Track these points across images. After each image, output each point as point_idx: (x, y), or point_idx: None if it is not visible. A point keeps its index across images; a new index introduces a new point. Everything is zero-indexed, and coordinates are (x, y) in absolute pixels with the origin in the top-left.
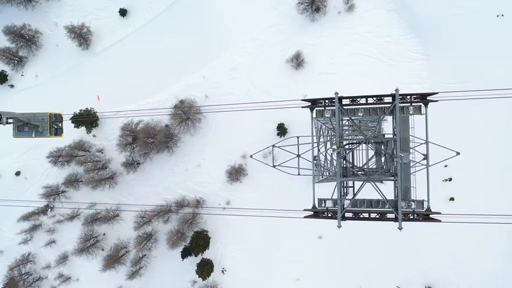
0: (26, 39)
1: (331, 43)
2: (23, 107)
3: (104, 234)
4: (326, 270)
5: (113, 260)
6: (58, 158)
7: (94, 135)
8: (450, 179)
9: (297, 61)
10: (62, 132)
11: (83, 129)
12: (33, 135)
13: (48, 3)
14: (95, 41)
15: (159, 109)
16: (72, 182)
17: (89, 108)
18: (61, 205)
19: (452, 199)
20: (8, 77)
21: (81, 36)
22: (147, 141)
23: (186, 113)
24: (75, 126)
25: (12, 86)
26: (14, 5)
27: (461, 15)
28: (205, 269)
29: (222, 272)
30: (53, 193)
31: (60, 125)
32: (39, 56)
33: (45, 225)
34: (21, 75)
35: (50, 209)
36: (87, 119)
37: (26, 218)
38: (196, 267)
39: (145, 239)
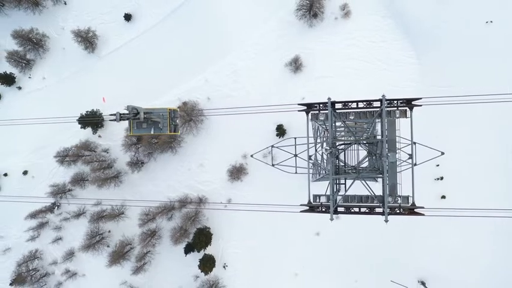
0: (33, 43)
1: (328, 48)
2: (30, 109)
3: (109, 231)
4: (323, 265)
5: (118, 256)
6: (65, 157)
7: (100, 136)
8: (442, 178)
9: (296, 65)
10: (179, 129)
11: (89, 129)
12: (152, 132)
13: (55, 7)
14: (101, 44)
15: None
16: (79, 180)
17: (95, 110)
18: (67, 203)
19: (443, 197)
20: (16, 79)
21: (87, 40)
22: (151, 141)
23: (189, 115)
24: (81, 127)
25: (20, 88)
26: (21, 9)
27: (452, 22)
28: (207, 264)
29: (224, 267)
30: (59, 191)
31: (177, 121)
32: (46, 59)
33: (52, 222)
34: (29, 77)
35: (56, 207)
36: (93, 121)
37: (33, 215)
38: (198, 263)
39: (150, 235)
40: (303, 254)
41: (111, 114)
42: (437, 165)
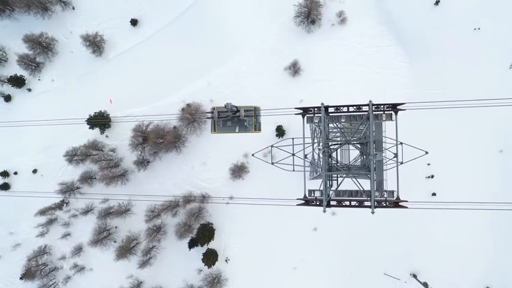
0: (43, 47)
1: (325, 53)
2: (40, 110)
3: (116, 227)
4: (320, 259)
5: (125, 250)
6: (73, 156)
7: (107, 136)
8: (432, 176)
9: (294, 69)
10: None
11: (96, 130)
12: (237, 131)
13: (64, 13)
14: (108, 48)
15: (168, 115)
16: (87, 179)
17: (102, 111)
18: (76, 198)
19: (434, 194)
20: (26, 81)
21: (94, 43)
22: (157, 141)
23: (193, 116)
24: (89, 128)
25: (29, 89)
26: (31, 14)
27: (443, 29)
28: (210, 258)
29: (226, 261)
30: (68, 189)
31: (259, 119)
32: (55, 62)
33: (60, 219)
34: (38, 79)
35: (65, 204)
36: (101, 122)
37: (42, 212)
38: (202, 257)
39: (155, 231)
40: (301, 248)
41: (207, 112)
42: (428, 164)
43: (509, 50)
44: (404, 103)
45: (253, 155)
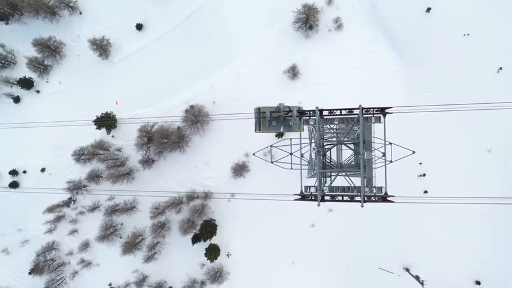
0: (51, 50)
1: (322, 57)
2: (48, 111)
3: (122, 223)
4: (318, 254)
5: (131, 246)
6: (81, 156)
7: (113, 136)
8: (424, 175)
9: (293, 72)
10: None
11: (103, 130)
12: (281, 130)
13: (71, 17)
14: (114, 51)
15: (172, 116)
16: (94, 177)
17: (109, 112)
18: (83, 198)
19: (426, 192)
20: (34, 83)
21: (101, 47)
22: (162, 141)
23: (196, 117)
24: (96, 128)
25: (38, 91)
26: (39, 18)
27: (434, 35)
28: (212, 253)
29: (227, 256)
30: (75, 187)
31: (302, 120)
32: (63, 64)
33: (68, 216)
34: (47, 81)
35: (72, 202)
36: (107, 122)
37: (50, 209)
38: (204, 252)
39: (160, 227)
40: (300, 244)
41: (259, 113)
42: (420, 163)
43: (496, 55)
44: (391, 107)
45: (254, 154)
